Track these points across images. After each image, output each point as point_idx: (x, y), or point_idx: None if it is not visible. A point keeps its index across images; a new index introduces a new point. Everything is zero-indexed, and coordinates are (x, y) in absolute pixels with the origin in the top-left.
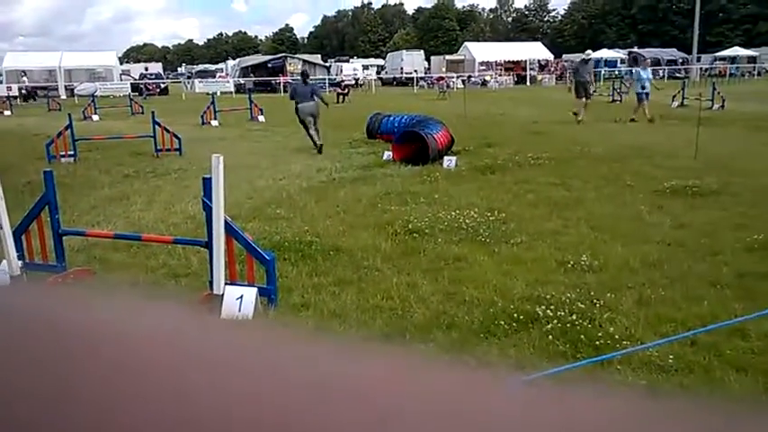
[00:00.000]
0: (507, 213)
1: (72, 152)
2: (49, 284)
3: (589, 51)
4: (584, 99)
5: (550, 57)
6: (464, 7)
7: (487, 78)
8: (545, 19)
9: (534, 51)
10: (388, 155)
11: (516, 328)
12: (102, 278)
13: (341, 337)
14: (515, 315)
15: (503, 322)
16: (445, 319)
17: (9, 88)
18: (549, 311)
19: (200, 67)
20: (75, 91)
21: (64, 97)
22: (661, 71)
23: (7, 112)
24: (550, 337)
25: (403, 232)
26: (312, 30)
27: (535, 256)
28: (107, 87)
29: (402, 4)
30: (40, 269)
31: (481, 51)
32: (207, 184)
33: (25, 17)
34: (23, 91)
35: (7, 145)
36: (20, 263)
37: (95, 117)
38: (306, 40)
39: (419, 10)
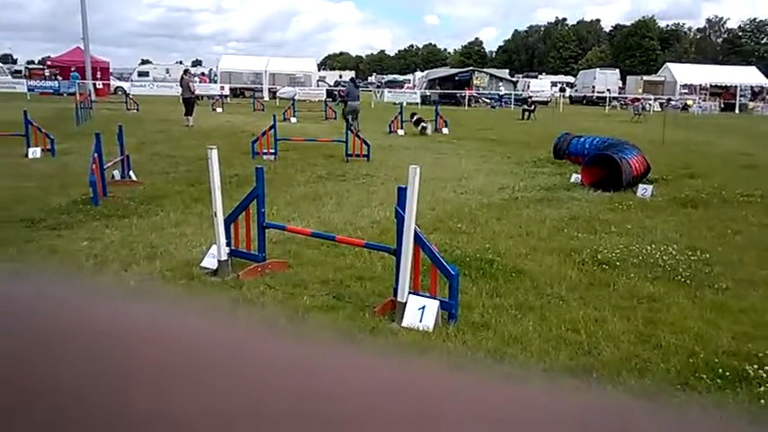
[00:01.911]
0: (711, 254)
1: (273, 150)
2: (249, 273)
3: None
4: None
5: (766, 83)
6: (668, 26)
7: (689, 103)
8: (762, 41)
9: (747, 76)
10: (576, 177)
11: (720, 385)
12: (102, 277)
13: (342, 337)
14: (720, 370)
15: (704, 376)
16: (637, 363)
17: (222, 88)
18: (762, 372)
19: (390, 77)
20: (278, 94)
21: (267, 99)
22: None
23: (219, 110)
24: (762, 401)
25: (591, 262)
26: (501, 44)
27: (745, 305)
28: (305, 92)
29: (599, 21)
30: (243, 257)
31: (684, 73)
32: (401, 193)
33: (239, 25)
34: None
35: (218, 139)
36: (227, 249)
37: (293, 119)
38: (494, 54)
39: (617, 27)
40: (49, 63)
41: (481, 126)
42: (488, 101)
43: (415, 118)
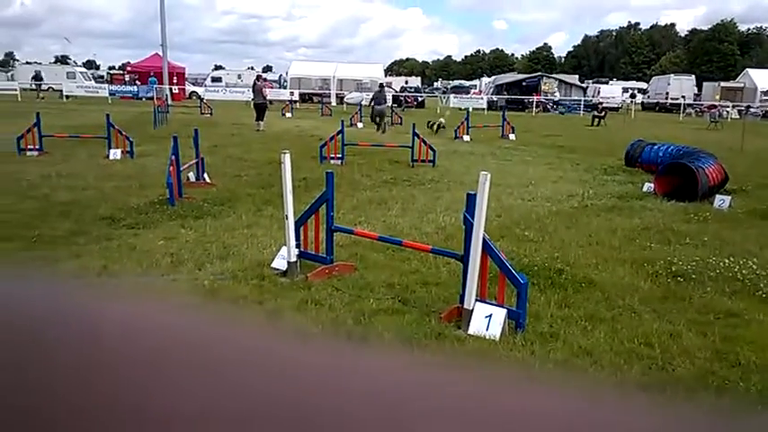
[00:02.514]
0: None
1: (340, 155)
2: (317, 275)
3: None
4: None
5: None
6: (749, 30)
7: None
8: None
9: None
10: (648, 186)
11: None
12: (103, 276)
13: (344, 336)
14: None
15: None
16: (714, 381)
17: (292, 93)
18: None
19: (456, 82)
20: (345, 99)
21: (334, 104)
22: None
23: (288, 114)
24: None
25: (665, 274)
26: (570, 49)
27: None
28: None
29: (674, 26)
30: (311, 259)
31: (766, 79)
32: (470, 199)
33: (308, 31)
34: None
35: (287, 143)
36: (296, 251)
37: (360, 125)
38: (563, 59)
39: (693, 31)
40: (129, 69)
41: (549, 132)
42: (556, 107)
43: (432, 124)
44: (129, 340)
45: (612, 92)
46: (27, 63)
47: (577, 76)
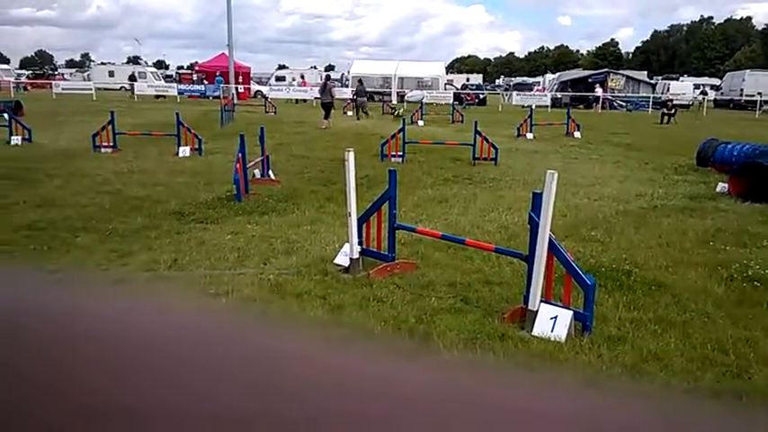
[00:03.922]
0: None
1: (401, 153)
2: (379, 272)
3: None
4: None
5: None
6: None
7: None
8: None
9: None
10: (722, 186)
11: None
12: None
13: (345, 335)
14: None
15: None
16: None
17: (353, 92)
18: None
19: (518, 79)
20: (406, 97)
21: (395, 102)
22: None
23: (350, 113)
24: None
25: (740, 278)
26: (639, 45)
27: None
28: (432, 95)
29: (749, 19)
30: (373, 256)
31: None
32: (536, 198)
33: (370, 30)
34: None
35: (348, 141)
36: (359, 248)
37: (420, 122)
38: (630, 55)
39: None
40: (196, 68)
41: (616, 130)
42: (624, 104)
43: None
44: (130, 339)
45: (683, 88)
46: (102, 64)
47: (646, 73)
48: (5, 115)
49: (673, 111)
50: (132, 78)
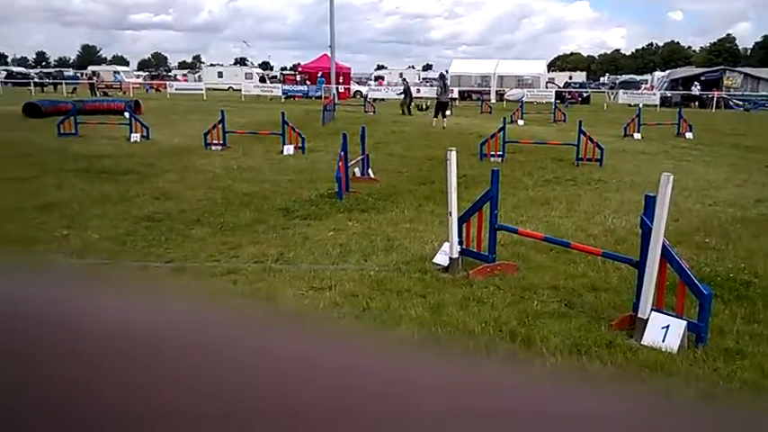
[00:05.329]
0: None
1: (501, 153)
2: (479, 273)
3: None
4: None
5: None
6: None
7: None
8: None
9: None
10: None
11: None
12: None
13: (348, 333)
14: None
15: None
16: None
17: (452, 91)
18: None
19: (625, 77)
20: (505, 96)
21: (493, 101)
22: None
23: (448, 112)
24: None
25: None
26: (759, 40)
27: None
28: (533, 94)
29: None
30: (473, 256)
31: None
32: (649, 201)
33: (469, 28)
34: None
35: (447, 141)
36: (459, 248)
37: (520, 122)
38: (749, 51)
39: None
40: (299, 69)
41: (732, 131)
42: (741, 103)
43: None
44: (130, 338)
45: None
46: (211, 65)
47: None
48: (126, 114)
49: None
50: (263, 80)
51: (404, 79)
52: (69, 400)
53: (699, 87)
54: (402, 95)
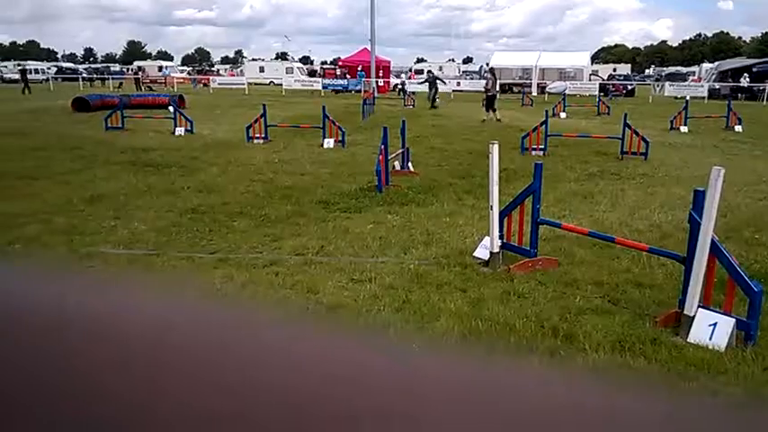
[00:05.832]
0: None
1: (542, 146)
2: (520, 267)
3: None
4: None
5: None
6: None
7: None
8: None
9: None
10: None
11: None
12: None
13: (349, 333)
14: None
15: None
16: None
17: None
18: None
19: (671, 69)
20: (547, 89)
21: (535, 94)
22: None
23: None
24: None
25: None
26: None
27: None
28: (576, 86)
29: None
30: (514, 251)
31: None
32: (698, 196)
33: (510, 21)
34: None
35: (487, 134)
36: (499, 242)
37: (563, 115)
38: None
39: None
40: (339, 63)
41: None
42: None
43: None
44: (135, 338)
45: None
46: (253, 60)
47: None
48: (170, 108)
49: None
50: (312, 74)
51: (429, 71)
52: (72, 400)
53: (748, 79)
54: (429, 88)
